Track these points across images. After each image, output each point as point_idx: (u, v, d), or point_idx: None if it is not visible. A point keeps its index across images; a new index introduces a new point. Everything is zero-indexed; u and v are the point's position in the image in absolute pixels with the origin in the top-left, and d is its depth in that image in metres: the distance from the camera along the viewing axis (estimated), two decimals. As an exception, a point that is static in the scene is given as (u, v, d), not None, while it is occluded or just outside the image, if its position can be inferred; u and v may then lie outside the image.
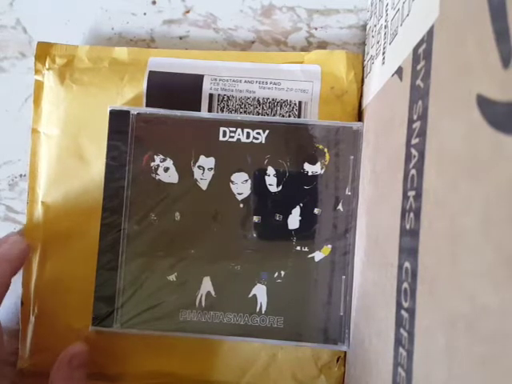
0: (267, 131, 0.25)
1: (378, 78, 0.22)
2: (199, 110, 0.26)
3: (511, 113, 0.10)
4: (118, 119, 0.25)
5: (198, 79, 0.27)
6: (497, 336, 0.10)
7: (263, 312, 0.25)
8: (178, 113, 0.25)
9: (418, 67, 0.16)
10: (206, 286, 0.25)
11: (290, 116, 0.26)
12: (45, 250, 0.26)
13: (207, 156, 0.25)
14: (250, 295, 0.25)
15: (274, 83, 0.26)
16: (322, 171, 0.25)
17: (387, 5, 0.22)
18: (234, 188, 0.25)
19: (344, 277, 0.25)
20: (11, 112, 0.29)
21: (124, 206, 0.25)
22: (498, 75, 0.10)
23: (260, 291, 0.25)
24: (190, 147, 0.25)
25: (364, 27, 0.28)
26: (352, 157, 0.25)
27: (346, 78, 0.26)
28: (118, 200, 0.25)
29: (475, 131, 0.11)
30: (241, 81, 0.26)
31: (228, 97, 0.26)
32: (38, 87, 0.27)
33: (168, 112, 0.25)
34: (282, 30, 0.29)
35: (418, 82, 0.16)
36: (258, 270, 0.25)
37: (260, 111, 0.26)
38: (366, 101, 0.25)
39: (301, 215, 0.25)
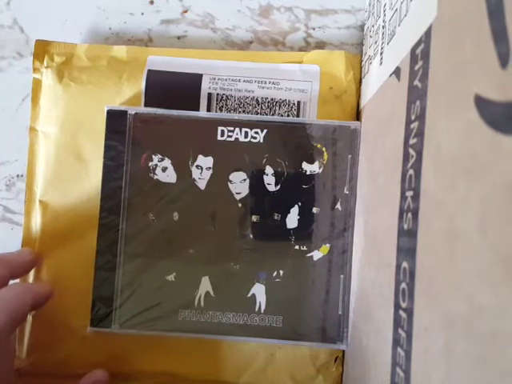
0: (265, 130, 0.25)
1: (376, 78, 0.22)
2: (198, 109, 0.26)
3: (509, 113, 0.10)
4: (116, 119, 0.25)
5: (196, 78, 0.27)
6: (494, 336, 0.10)
7: (262, 311, 0.25)
8: (176, 112, 0.25)
9: (416, 67, 0.16)
10: (205, 285, 0.25)
11: (288, 116, 0.26)
12: (42, 249, 0.26)
13: (205, 155, 0.25)
14: (249, 295, 0.25)
15: (273, 83, 0.26)
16: (320, 170, 0.25)
17: (385, 5, 0.22)
18: (233, 187, 0.25)
19: (342, 276, 0.25)
20: (8, 112, 0.29)
21: (122, 206, 0.25)
22: (495, 75, 0.10)
23: (259, 291, 0.25)
24: (187, 147, 0.25)
25: (362, 27, 0.28)
26: (350, 156, 0.25)
27: (345, 78, 0.26)
28: (116, 200, 0.25)
29: (473, 131, 0.11)
30: (240, 80, 0.26)
31: (227, 96, 0.26)
32: (36, 85, 0.27)
33: (165, 112, 0.25)
34: (280, 30, 0.29)
35: (416, 82, 0.16)
36: (257, 270, 0.25)
37: (259, 111, 0.26)
38: (363, 101, 0.25)
39: (299, 214, 0.25)
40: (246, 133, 0.25)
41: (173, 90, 0.26)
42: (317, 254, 0.25)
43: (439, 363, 0.12)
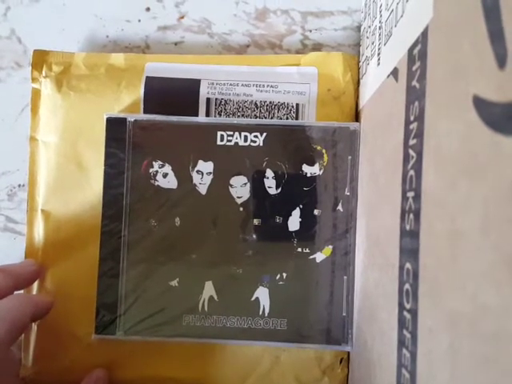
0: (265, 134, 0.25)
1: (374, 79, 0.22)
2: (197, 115, 0.26)
3: (508, 114, 0.10)
4: (115, 126, 0.25)
5: (195, 84, 0.27)
6: (499, 335, 0.10)
7: (266, 315, 0.25)
8: (175, 118, 0.25)
9: (414, 68, 0.16)
10: (209, 290, 0.25)
11: (287, 118, 0.26)
12: (45, 257, 0.26)
13: (205, 160, 0.25)
14: (253, 298, 0.25)
15: (271, 86, 0.26)
16: (321, 172, 0.25)
17: (381, 6, 0.22)
18: (234, 191, 0.25)
19: (346, 277, 0.25)
20: (8, 122, 0.29)
21: (123, 213, 0.25)
22: (493, 76, 0.10)
23: (262, 294, 0.25)
24: (188, 152, 0.25)
25: (358, 28, 0.28)
26: (350, 157, 0.25)
27: (343, 79, 0.26)
28: (118, 207, 0.25)
29: (473, 132, 0.11)
30: (238, 84, 0.27)
31: (225, 101, 0.26)
32: (35, 95, 0.27)
33: (164, 118, 0.25)
34: (277, 33, 0.29)
35: (414, 82, 0.16)
36: (260, 273, 0.25)
37: (258, 114, 0.26)
38: (362, 102, 0.25)
39: (301, 217, 0.25)
40: (246, 137, 0.25)
41: (171, 95, 0.26)
42: (319, 256, 0.25)
43: (444, 364, 0.12)
